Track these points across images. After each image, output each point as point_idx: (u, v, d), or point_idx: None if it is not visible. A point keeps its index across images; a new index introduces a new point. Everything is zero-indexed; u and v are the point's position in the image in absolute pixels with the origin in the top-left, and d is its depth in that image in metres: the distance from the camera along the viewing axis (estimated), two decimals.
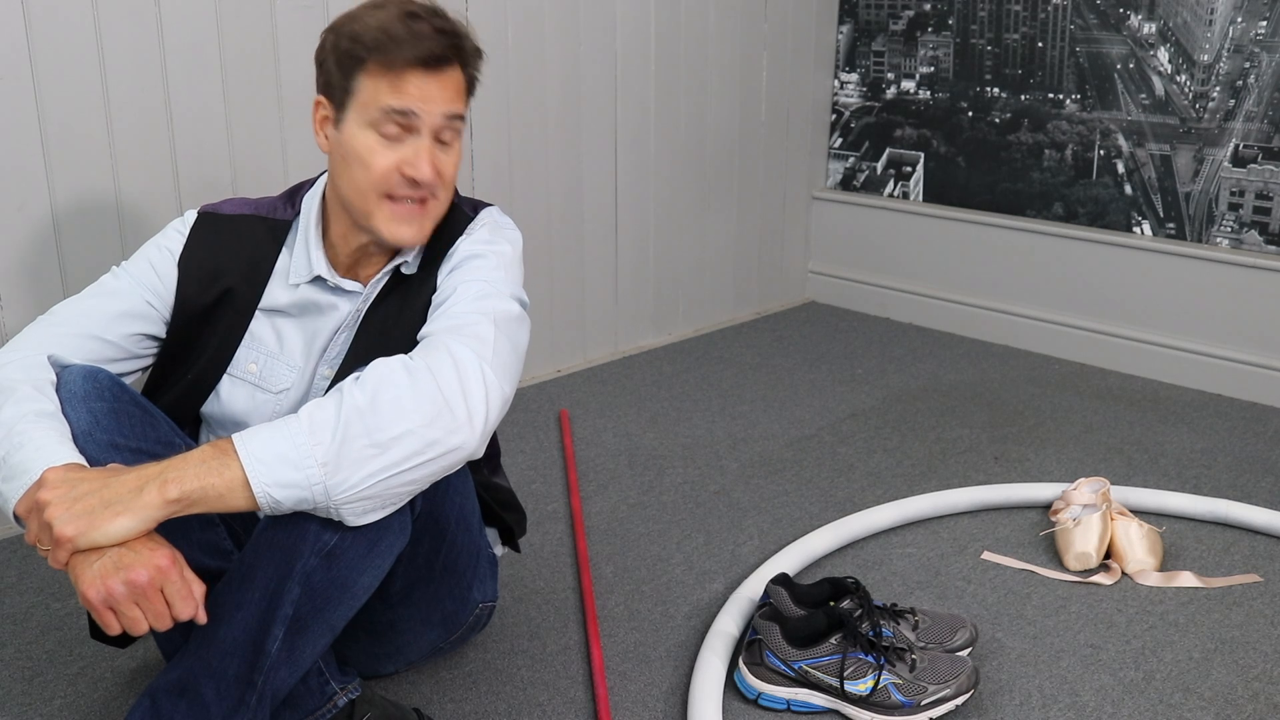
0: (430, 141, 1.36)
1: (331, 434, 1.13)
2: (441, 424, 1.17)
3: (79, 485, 1.12)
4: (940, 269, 3.30)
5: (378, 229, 1.38)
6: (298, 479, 1.13)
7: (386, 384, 1.17)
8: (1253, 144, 2.73)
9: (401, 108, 1.33)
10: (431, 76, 1.33)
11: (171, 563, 1.11)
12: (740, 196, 3.30)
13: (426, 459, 1.17)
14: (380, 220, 1.37)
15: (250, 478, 1.12)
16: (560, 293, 2.88)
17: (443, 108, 1.35)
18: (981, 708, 1.58)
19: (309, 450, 1.13)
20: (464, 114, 1.39)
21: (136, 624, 1.11)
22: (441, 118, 1.35)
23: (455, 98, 1.37)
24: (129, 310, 1.41)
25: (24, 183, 1.95)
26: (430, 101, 1.34)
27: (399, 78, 1.32)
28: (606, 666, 1.66)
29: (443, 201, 1.41)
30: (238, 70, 2.17)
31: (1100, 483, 2.08)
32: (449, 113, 1.36)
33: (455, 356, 1.23)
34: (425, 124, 1.34)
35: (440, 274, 1.42)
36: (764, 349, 3.13)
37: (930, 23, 3.22)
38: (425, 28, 1.32)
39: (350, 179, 1.37)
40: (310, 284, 1.45)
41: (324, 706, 1.37)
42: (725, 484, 2.28)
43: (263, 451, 1.13)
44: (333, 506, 1.16)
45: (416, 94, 1.33)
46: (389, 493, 1.18)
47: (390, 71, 1.32)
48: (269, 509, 1.14)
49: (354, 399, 1.16)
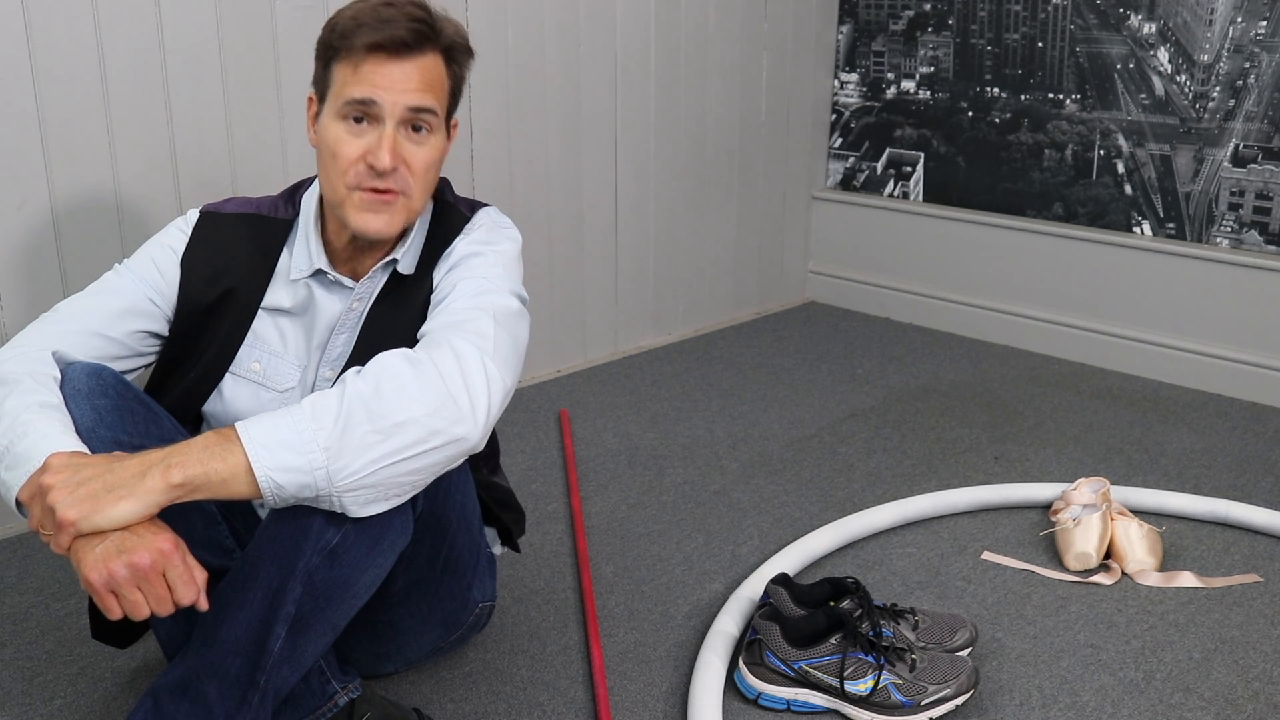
0: (394, 129, 1.33)
1: (334, 419, 1.14)
2: (445, 414, 1.18)
3: (82, 470, 1.12)
4: (940, 269, 3.30)
5: (347, 218, 1.38)
6: (300, 464, 1.13)
7: (390, 374, 1.18)
8: (1253, 144, 2.73)
9: (360, 96, 1.32)
10: (393, 62, 1.32)
11: (174, 547, 1.11)
12: (740, 197, 3.30)
13: (429, 448, 1.17)
14: (349, 209, 1.37)
15: (253, 462, 1.12)
16: (560, 293, 2.88)
17: (405, 97, 1.32)
18: (981, 708, 1.58)
19: (312, 435, 1.13)
20: (435, 109, 1.36)
21: (138, 608, 1.11)
22: (405, 108, 1.33)
23: (423, 88, 1.34)
24: (132, 307, 1.41)
25: (24, 182, 1.95)
26: (390, 89, 1.32)
27: (360, 63, 1.32)
28: (606, 666, 1.66)
29: (416, 199, 1.39)
30: (238, 70, 2.17)
31: (1100, 483, 2.08)
32: (414, 104, 1.33)
33: (457, 350, 1.23)
34: (387, 112, 1.32)
35: (437, 274, 1.42)
36: (764, 349, 3.13)
37: (930, 23, 3.22)
38: (394, 14, 1.31)
39: (324, 171, 1.38)
40: (311, 279, 1.46)
41: (324, 705, 1.37)
42: (725, 484, 2.28)
43: (265, 437, 1.13)
44: (335, 494, 1.16)
45: (377, 81, 1.31)
46: (391, 481, 1.18)
47: (353, 58, 1.32)
48: (271, 495, 1.14)
49: (357, 387, 1.16)
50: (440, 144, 1.39)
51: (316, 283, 1.46)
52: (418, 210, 1.41)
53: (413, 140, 1.36)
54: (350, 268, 1.46)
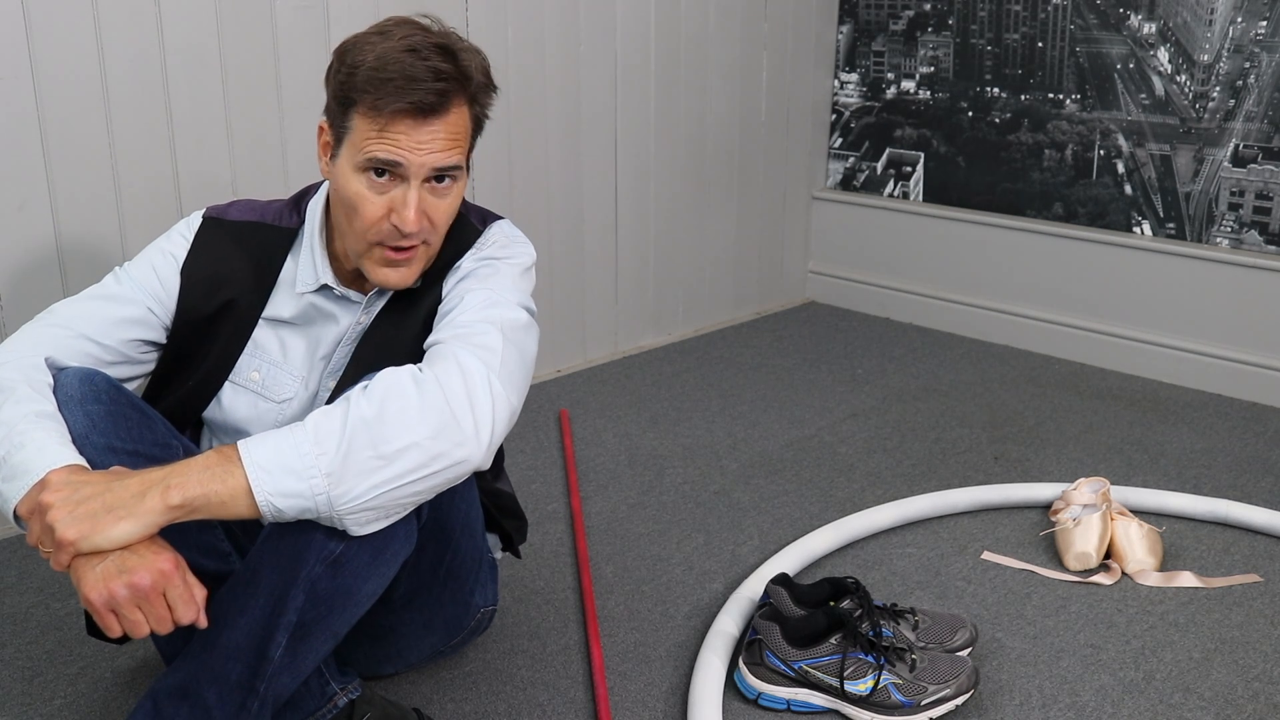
0: (419, 188, 1.30)
1: (336, 445, 1.13)
2: (448, 437, 1.16)
3: (82, 489, 1.11)
4: (940, 269, 3.30)
5: (366, 270, 1.36)
6: (301, 489, 1.12)
7: (394, 395, 1.16)
8: (1253, 144, 2.73)
9: (387, 159, 1.28)
10: (423, 125, 1.27)
11: (174, 567, 1.11)
12: (740, 197, 3.30)
13: (431, 471, 1.17)
14: (369, 264, 1.35)
15: (254, 486, 1.12)
16: (560, 293, 2.88)
17: (432, 159, 1.29)
18: (981, 708, 1.58)
19: (313, 460, 1.12)
20: (460, 163, 1.32)
21: (138, 627, 1.11)
22: (431, 169, 1.30)
23: (450, 147, 1.30)
24: (129, 316, 1.39)
25: (24, 182, 1.95)
26: (418, 151, 1.28)
27: (387, 125, 1.27)
28: (606, 666, 1.66)
29: (435, 246, 1.37)
30: (238, 70, 2.17)
31: (1100, 483, 2.08)
32: (439, 165, 1.30)
33: (463, 367, 1.21)
34: (412, 173, 1.29)
35: (446, 286, 1.40)
36: (764, 349, 3.13)
37: (930, 23, 3.22)
38: (422, 70, 1.25)
39: (343, 221, 1.36)
40: (316, 293, 1.44)
41: (324, 706, 1.37)
42: (725, 484, 2.28)
43: (267, 460, 1.12)
44: (336, 516, 1.15)
45: (404, 143, 1.27)
46: (393, 504, 1.17)
47: (379, 117, 1.27)
48: (271, 517, 1.14)
49: (360, 409, 1.15)
50: (462, 187, 1.37)
51: (322, 296, 1.44)
52: (436, 252, 1.39)
53: (436, 193, 1.33)
54: (357, 282, 1.44)
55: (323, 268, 1.42)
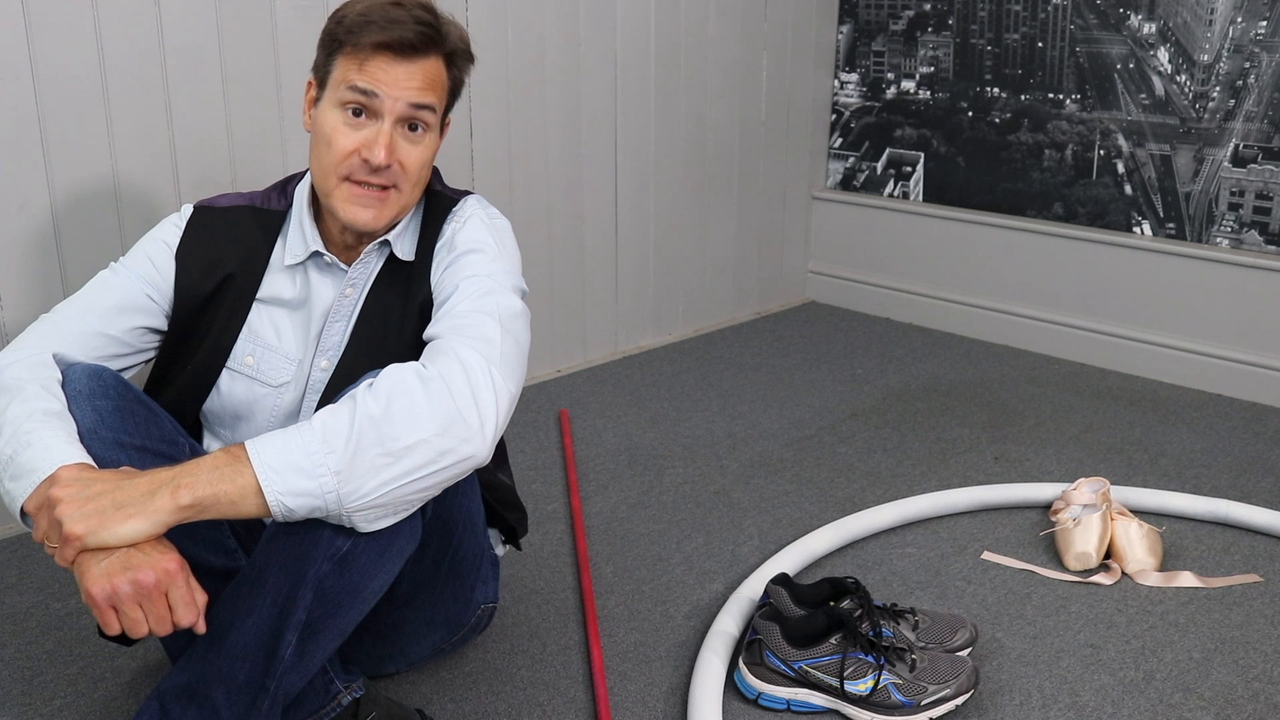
0: (392, 127, 1.37)
1: (345, 443, 1.14)
2: (454, 433, 1.18)
3: (92, 485, 1.12)
4: (940, 269, 3.30)
5: (336, 208, 1.40)
6: (311, 488, 1.13)
7: (400, 392, 1.17)
8: (1253, 144, 2.73)
9: (363, 86, 1.35)
10: (399, 62, 1.35)
11: (179, 568, 1.12)
12: (740, 197, 3.30)
13: (439, 468, 1.18)
14: (338, 200, 1.39)
15: (263, 486, 1.12)
16: (560, 293, 2.88)
17: (407, 95, 1.36)
18: (981, 708, 1.58)
19: (322, 459, 1.13)
20: (435, 106, 1.39)
21: (137, 625, 1.11)
22: (406, 105, 1.36)
23: (424, 88, 1.37)
24: (129, 304, 1.42)
25: (24, 182, 1.95)
26: (394, 85, 1.35)
27: (367, 59, 1.35)
28: (606, 666, 1.66)
29: (407, 194, 1.42)
30: (238, 70, 2.17)
31: (1100, 483, 2.08)
32: (414, 101, 1.36)
33: (464, 362, 1.23)
34: (387, 108, 1.36)
35: (435, 263, 1.43)
36: (764, 349, 3.13)
37: (930, 23, 3.22)
38: (403, 15, 1.35)
39: (317, 158, 1.40)
40: (307, 264, 1.47)
41: (328, 705, 1.38)
42: (725, 484, 2.28)
43: (276, 460, 1.13)
44: (345, 514, 1.16)
45: (381, 76, 1.35)
46: (401, 500, 1.18)
47: (359, 52, 1.35)
48: (282, 517, 1.15)
49: (368, 407, 1.16)
50: (434, 142, 1.42)
51: (313, 266, 1.47)
52: (409, 205, 1.44)
53: (408, 139, 1.39)
54: (345, 254, 1.47)
55: (312, 236, 1.46)
